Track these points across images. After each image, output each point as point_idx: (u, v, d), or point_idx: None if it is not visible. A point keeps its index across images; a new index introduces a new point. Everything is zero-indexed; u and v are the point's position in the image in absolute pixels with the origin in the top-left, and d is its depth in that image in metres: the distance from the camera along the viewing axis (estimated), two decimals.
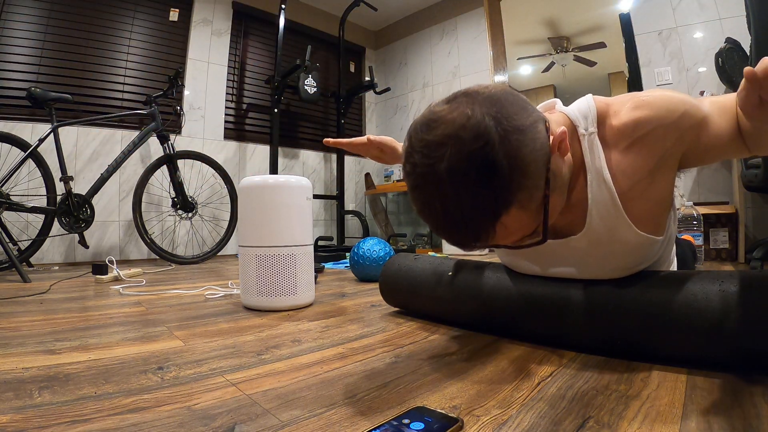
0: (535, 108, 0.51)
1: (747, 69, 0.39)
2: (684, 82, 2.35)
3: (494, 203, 0.46)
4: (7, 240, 1.82)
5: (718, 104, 0.57)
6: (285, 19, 2.77)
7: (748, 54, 1.64)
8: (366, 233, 3.23)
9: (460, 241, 0.50)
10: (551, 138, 0.51)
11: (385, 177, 3.76)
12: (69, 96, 2.02)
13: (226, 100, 3.06)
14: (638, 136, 0.57)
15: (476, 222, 0.47)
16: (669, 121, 0.55)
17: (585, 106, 0.61)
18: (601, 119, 0.60)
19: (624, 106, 0.59)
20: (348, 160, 3.73)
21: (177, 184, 2.33)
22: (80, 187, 2.23)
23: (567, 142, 0.53)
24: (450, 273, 0.86)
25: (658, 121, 0.56)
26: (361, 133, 4.00)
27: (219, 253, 2.61)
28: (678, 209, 1.84)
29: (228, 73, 3.07)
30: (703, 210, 1.99)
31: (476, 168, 0.44)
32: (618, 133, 0.58)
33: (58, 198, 2.03)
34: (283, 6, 2.75)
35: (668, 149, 0.57)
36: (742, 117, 0.52)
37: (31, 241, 1.96)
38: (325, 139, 0.86)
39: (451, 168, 0.45)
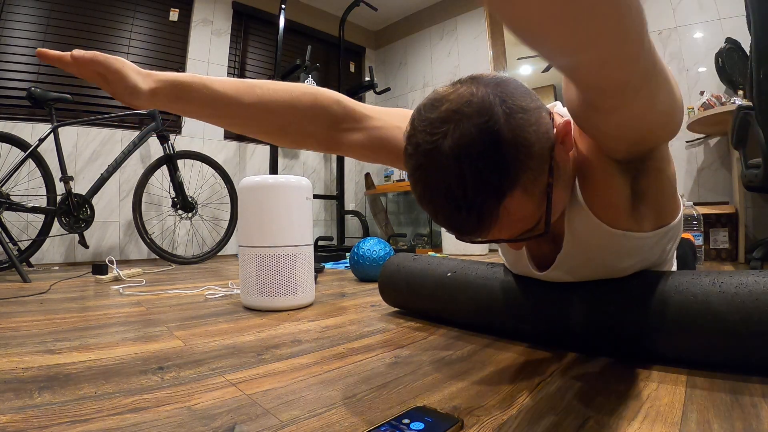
0: (538, 97, 0.51)
1: None
2: (684, 82, 2.36)
3: (499, 182, 0.44)
4: (7, 240, 1.82)
5: None
6: (285, 19, 2.77)
7: (748, 54, 1.64)
8: (366, 233, 3.23)
9: (462, 227, 0.47)
10: (555, 128, 0.51)
11: (385, 177, 3.76)
12: (69, 96, 2.02)
13: None
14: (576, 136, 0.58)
15: (480, 202, 0.45)
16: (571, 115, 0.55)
17: None
18: None
19: None
20: (348, 160, 3.72)
21: (177, 184, 2.33)
22: (80, 187, 2.23)
23: (572, 137, 0.52)
24: (449, 273, 0.85)
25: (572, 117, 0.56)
26: None
27: (219, 253, 2.61)
28: None
29: (228, 73, 3.07)
30: (703, 210, 1.99)
31: (481, 143, 0.43)
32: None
33: (58, 198, 2.03)
34: (283, 6, 2.75)
35: (585, 144, 0.56)
36: None
37: (31, 241, 1.96)
38: (39, 49, 0.53)
39: (455, 143, 0.43)
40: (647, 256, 0.64)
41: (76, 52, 0.53)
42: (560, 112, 0.63)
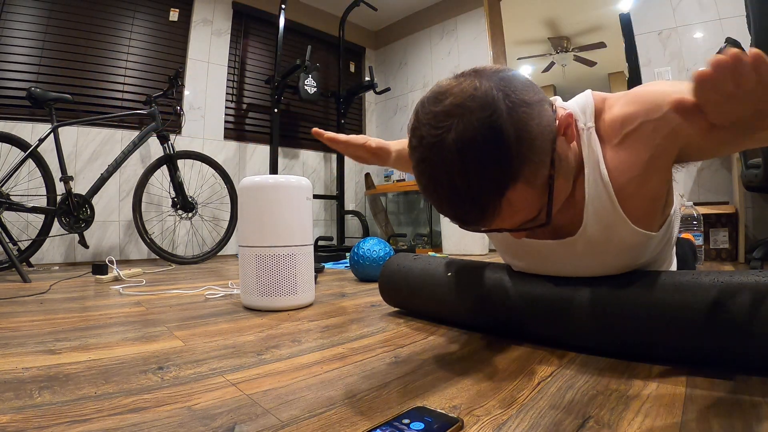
0: (541, 89, 0.51)
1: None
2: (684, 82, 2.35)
3: (501, 174, 0.45)
4: (7, 240, 1.82)
5: None
6: (285, 19, 2.77)
7: None
8: (366, 233, 3.23)
9: (465, 217, 0.49)
10: (557, 120, 0.51)
11: (385, 177, 3.76)
12: (69, 96, 2.02)
13: (226, 100, 3.06)
14: (627, 132, 0.56)
15: (483, 194, 0.46)
16: (656, 116, 0.53)
17: (583, 100, 0.61)
18: (598, 114, 0.60)
19: (618, 101, 0.59)
20: (348, 160, 3.72)
21: (177, 184, 2.33)
22: (80, 187, 2.23)
23: (573, 128, 0.53)
24: (449, 273, 0.85)
25: (645, 116, 0.54)
26: (360, 133, 3.99)
27: (219, 253, 2.61)
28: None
29: (228, 73, 3.07)
30: (703, 210, 1.99)
31: (484, 137, 0.44)
32: (610, 128, 0.58)
33: (58, 198, 2.03)
34: (283, 6, 2.75)
35: (659, 145, 0.55)
36: None
37: (31, 241, 1.96)
38: (317, 130, 0.74)
39: (459, 137, 0.44)
40: (652, 253, 0.66)
41: (372, 141, 0.77)
42: (561, 105, 0.63)
